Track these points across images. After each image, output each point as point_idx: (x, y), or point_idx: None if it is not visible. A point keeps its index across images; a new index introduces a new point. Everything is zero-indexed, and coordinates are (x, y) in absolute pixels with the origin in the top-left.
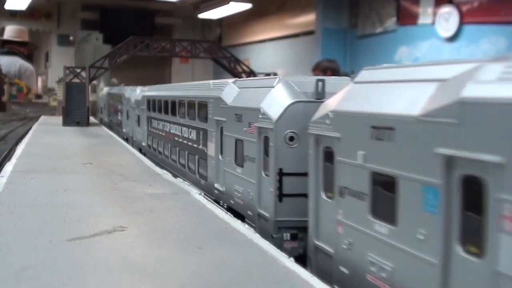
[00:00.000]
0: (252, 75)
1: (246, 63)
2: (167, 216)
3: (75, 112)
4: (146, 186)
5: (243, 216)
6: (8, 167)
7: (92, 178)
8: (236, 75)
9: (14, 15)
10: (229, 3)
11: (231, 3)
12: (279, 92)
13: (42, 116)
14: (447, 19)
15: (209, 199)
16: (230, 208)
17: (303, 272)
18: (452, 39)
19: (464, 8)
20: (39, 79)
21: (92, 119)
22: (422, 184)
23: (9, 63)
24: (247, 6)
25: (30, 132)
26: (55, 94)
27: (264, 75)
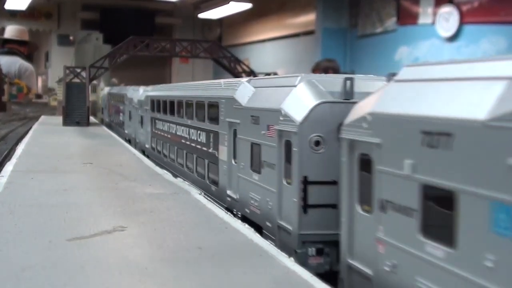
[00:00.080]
0: (252, 75)
1: (246, 63)
2: (167, 216)
3: (75, 112)
4: (146, 186)
5: (260, 227)
6: (8, 167)
7: (92, 178)
8: (236, 75)
9: (14, 15)
10: (229, 3)
11: (231, 3)
12: (303, 92)
13: (42, 116)
14: (447, 19)
15: (209, 199)
16: (245, 217)
17: (303, 272)
18: (452, 39)
19: (464, 8)
20: (39, 79)
21: (92, 119)
22: (491, 200)
23: (9, 63)
24: (247, 6)
25: (30, 132)
26: (55, 94)
27: (264, 74)
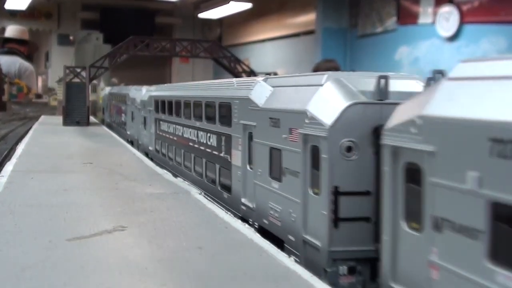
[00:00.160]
0: (252, 74)
1: (246, 63)
2: (167, 216)
3: (75, 112)
4: (146, 186)
5: (281, 241)
6: (8, 167)
7: (92, 178)
8: (236, 75)
9: (14, 15)
10: (229, 2)
11: (231, 2)
12: (331, 92)
13: (42, 116)
14: (447, 18)
15: (209, 199)
16: (262, 228)
17: (303, 272)
18: (452, 38)
19: (464, 8)
20: (39, 78)
21: (92, 118)
22: None
23: (9, 62)
24: (247, 6)
25: (30, 131)
26: (55, 94)
27: (264, 74)
